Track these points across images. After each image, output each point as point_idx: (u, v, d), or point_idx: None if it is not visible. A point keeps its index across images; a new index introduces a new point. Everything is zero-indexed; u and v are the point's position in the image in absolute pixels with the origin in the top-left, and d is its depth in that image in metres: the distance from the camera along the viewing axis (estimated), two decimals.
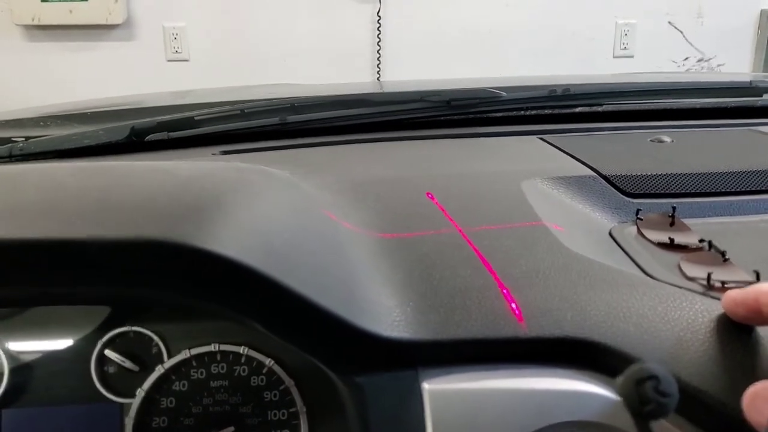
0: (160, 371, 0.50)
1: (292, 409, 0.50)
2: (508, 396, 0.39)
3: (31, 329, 0.51)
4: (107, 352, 0.51)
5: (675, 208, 0.56)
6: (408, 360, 0.40)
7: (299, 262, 0.41)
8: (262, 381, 0.50)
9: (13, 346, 0.51)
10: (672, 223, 0.55)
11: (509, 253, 0.48)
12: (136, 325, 0.51)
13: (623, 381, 0.28)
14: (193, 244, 0.36)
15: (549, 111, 0.85)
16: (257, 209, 0.44)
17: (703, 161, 0.66)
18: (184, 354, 0.50)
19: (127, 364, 0.50)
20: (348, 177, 0.62)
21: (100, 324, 0.51)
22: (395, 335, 0.40)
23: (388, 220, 0.53)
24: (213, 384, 0.50)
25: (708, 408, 0.37)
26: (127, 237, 0.36)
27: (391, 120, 0.82)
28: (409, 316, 0.42)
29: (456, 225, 0.51)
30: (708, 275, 0.46)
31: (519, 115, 0.85)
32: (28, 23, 2.43)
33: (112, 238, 0.36)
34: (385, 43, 2.60)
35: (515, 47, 2.64)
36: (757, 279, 0.45)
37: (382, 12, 2.56)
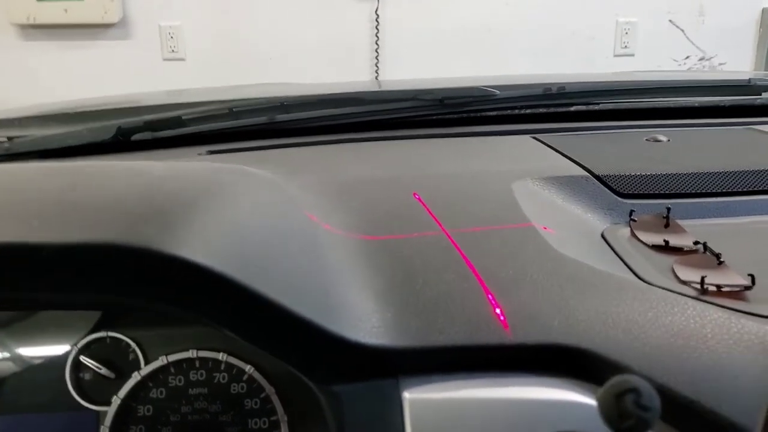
0: (136, 378, 0.49)
1: (273, 417, 0.49)
2: (492, 406, 0.37)
3: (3, 334, 0.50)
4: (82, 358, 0.49)
5: (669, 209, 0.55)
6: (387, 368, 0.39)
7: (273, 266, 0.39)
8: (242, 388, 0.49)
9: None
10: (666, 225, 0.54)
11: (496, 256, 0.46)
12: (112, 331, 0.49)
13: (602, 393, 0.26)
14: (156, 248, 0.34)
15: (543, 110, 0.84)
16: (231, 211, 0.42)
17: (700, 161, 0.65)
18: (161, 360, 0.49)
19: (103, 370, 0.49)
20: (333, 177, 0.60)
21: (75, 329, 0.49)
22: (374, 342, 0.39)
23: (371, 221, 0.51)
24: (192, 391, 0.49)
25: (701, 418, 0.35)
26: (84, 240, 0.34)
27: (382, 119, 0.81)
28: (390, 322, 0.40)
29: (442, 227, 0.50)
30: (702, 279, 0.45)
31: (513, 114, 0.84)
32: (23, 22, 2.43)
33: (67, 241, 0.34)
34: (384, 42, 2.59)
35: (515, 46, 2.64)
36: (753, 283, 0.44)
37: (380, 10, 2.56)
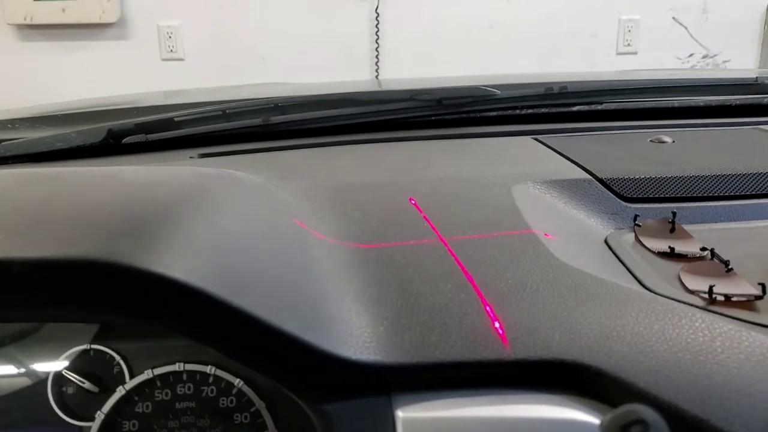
0: (121, 392, 0.47)
1: None
2: (489, 425, 0.36)
3: None
4: (65, 372, 0.47)
5: (675, 213, 0.53)
6: (380, 385, 0.37)
7: (258, 279, 0.37)
8: (231, 402, 0.47)
9: None
10: (672, 230, 0.52)
11: (495, 266, 0.44)
12: (96, 343, 0.48)
13: (608, 424, 0.25)
14: (129, 263, 0.32)
15: (545, 110, 0.82)
16: (215, 220, 0.40)
17: (706, 163, 0.63)
18: (147, 374, 0.47)
19: (87, 384, 0.47)
20: (327, 182, 0.58)
21: (57, 342, 0.48)
22: (365, 358, 0.37)
23: (365, 228, 0.49)
24: (179, 406, 0.47)
25: None
26: (56, 255, 0.32)
27: (380, 120, 0.79)
28: (382, 336, 0.38)
29: (438, 234, 0.48)
30: (710, 288, 0.43)
31: (513, 115, 0.82)
32: (20, 22, 2.42)
33: (38, 256, 0.32)
34: (384, 41, 2.57)
35: (516, 44, 2.62)
36: (764, 292, 0.42)
37: (380, 9, 2.54)
